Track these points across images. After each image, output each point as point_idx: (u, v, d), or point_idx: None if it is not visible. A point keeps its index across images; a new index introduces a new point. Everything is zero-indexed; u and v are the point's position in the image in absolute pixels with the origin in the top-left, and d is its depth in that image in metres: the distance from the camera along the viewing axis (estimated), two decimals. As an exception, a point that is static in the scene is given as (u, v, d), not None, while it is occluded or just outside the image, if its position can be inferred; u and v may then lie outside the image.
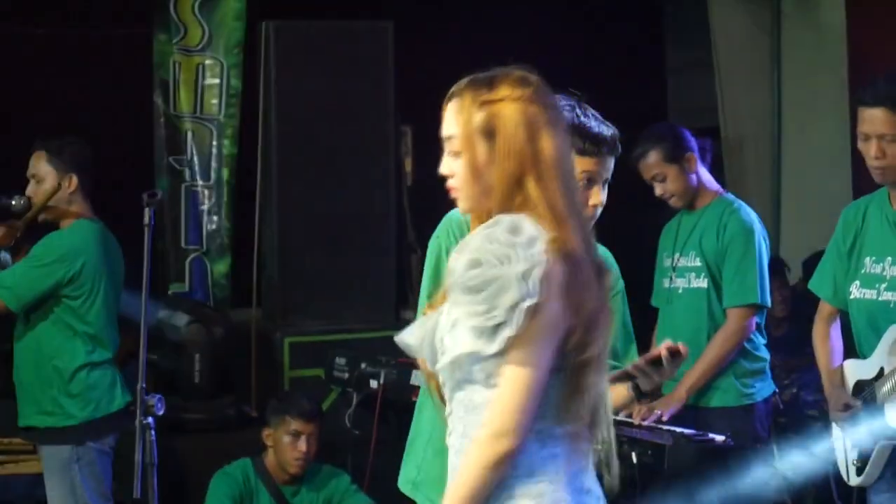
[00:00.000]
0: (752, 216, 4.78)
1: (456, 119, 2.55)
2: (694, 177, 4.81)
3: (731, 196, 4.87)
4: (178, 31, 6.76)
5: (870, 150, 3.89)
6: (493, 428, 2.43)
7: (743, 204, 4.83)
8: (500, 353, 2.43)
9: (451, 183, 2.58)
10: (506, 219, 2.46)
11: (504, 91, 2.52)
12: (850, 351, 4.12)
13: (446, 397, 2.57)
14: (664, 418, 4.52)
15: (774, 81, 7.05)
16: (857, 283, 4.00)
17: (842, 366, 4.09)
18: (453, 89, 2.59)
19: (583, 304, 2.46)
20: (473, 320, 2.43)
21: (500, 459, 2.43)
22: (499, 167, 2.50)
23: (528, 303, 2.39)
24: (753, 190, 7.04)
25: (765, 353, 4.78)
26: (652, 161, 4.79)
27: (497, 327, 2.41)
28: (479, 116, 2.52)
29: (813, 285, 4.21)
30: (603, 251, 2.71)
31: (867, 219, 4.03)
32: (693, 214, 4.85)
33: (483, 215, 2.56)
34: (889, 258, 3.93)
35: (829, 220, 4.29)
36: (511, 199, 2.49)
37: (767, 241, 4.83)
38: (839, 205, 4.31)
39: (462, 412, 2.52)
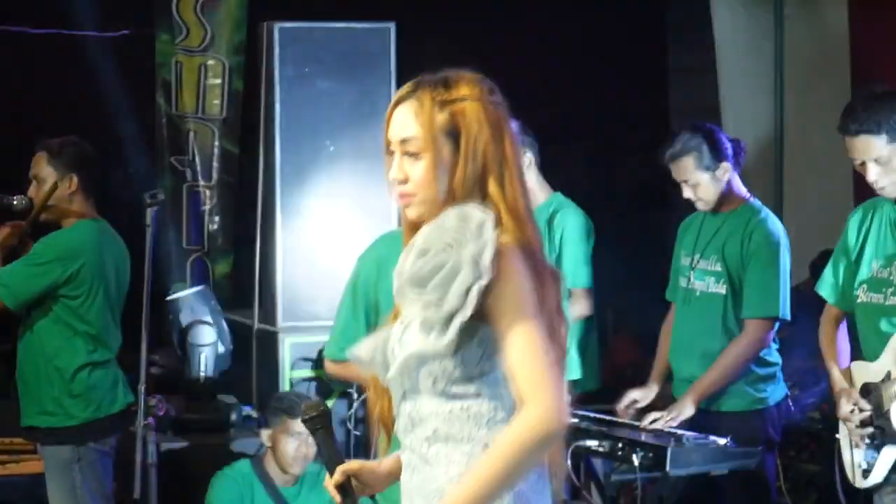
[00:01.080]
0: (778, 226, 4.65)
1: (415, 120, 2.47)
2: (725, 185, 4.66)
3: (758, 203, 4.73)
4: (181, 32, 6.78)
5: (868, 175, 3.91)
6: (539, 405, 2.30)
7: (770, 212, 4.71)
8: (447, 354, 2.37)
9: (404, 189, 2.48)
10: (453, 210, 2.41)
11: (464, 90, 2.47)
12: (856, 353, 4.12)
13: (395, 412, 2.50)
14: (673, 425, 4.50)
15: (777, 85, 7.03)
16: (864, 286, 4.00)
17: (849, 367, 4.10)
18: (401, 92, 2.52)
19: (544, 298, 2.41)
20: (425, 313, 2.37)
21: (542, 442, 2.32)
22: (462, 167, 2.45)
23: (481, 282, 2.34)
24: (755, 193, 7.03)
25: (776, 358, 4.69)
26: (685, 166, 4.64)
27: (450, 317, 2.35)
28: (441, 116, 2.45)
29: (820, 288, 4.20)
30: None
31: (874, 222, 4.03)
32: (717, 217, 4.70)
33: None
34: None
35: (831, 224, 4.28)
36: (472, 200, 2.44)
37: (790, 252, 4.69)
38: (841, 208, 4.31)
39: (410, 425, 2.46)
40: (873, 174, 3.88)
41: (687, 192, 4.70)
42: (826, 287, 4.17)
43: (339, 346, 3.58)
